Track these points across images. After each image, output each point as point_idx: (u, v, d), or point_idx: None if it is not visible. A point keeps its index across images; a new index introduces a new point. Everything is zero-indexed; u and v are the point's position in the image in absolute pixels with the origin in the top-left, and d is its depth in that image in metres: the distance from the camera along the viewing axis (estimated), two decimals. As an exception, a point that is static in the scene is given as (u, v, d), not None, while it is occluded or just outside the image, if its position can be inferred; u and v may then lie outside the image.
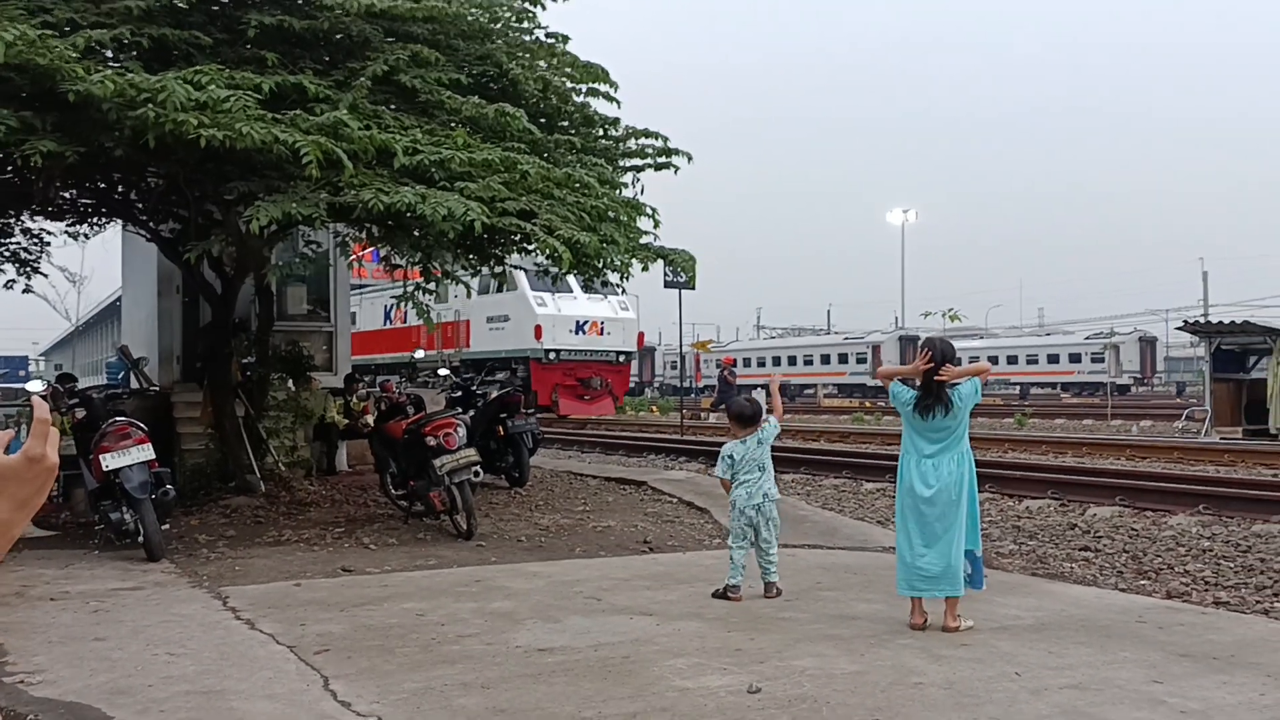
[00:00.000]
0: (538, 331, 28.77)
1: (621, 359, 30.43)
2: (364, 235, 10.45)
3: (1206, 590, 7.31)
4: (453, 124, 8.47)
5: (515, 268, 12.58)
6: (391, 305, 35.26)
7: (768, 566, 6.29)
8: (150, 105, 6.69)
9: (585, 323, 29.67)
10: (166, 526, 8.08)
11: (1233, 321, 22.96)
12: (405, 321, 35.01)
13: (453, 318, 31.88)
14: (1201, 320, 25.98)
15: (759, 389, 41.18)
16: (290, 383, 12.63)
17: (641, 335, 33.34)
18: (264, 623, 5.56)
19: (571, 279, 30.17)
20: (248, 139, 6.79)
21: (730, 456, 6.40)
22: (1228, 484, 11.93)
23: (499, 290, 30.05)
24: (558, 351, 28.92)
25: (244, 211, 7.58)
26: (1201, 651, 5.00)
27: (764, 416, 6.55)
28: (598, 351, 29.75)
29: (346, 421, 13.24)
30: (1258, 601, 6.96)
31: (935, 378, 5.49)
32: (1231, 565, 8.10)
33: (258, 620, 5.63)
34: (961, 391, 5.49)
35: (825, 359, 62.67)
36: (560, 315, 28.90)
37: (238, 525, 9.21)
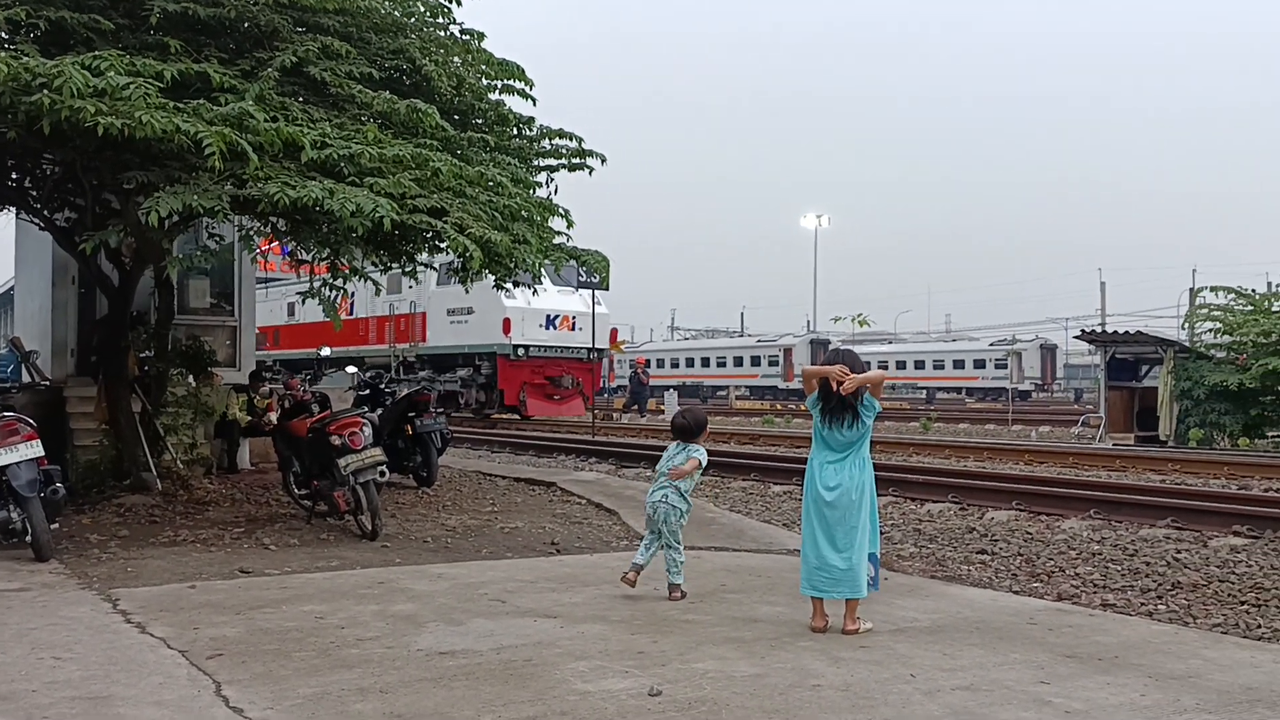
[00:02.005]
0: (506, 325, 26.89)
1: (593, 356, 28.49)
2: (269, 229, 10.24)
3: (1095, 593, 7.58)
4: (363, 119, 8.36)
5: (426, 266, 12.41)
6: (336, 297, 33.80)
7: (669, 567, 6.37)
8: (46, 91, 6.46)
9: (556, 317, 27.81)
10: (56, 526, 7.81)
11: (1127, 332, 23.86)
12: (351, 313, 32.17)
13: (407, 310, 29.76)
14: (1098, 330, 26.89)
15: (671, 389, 40.89)
16: (191, 378, 12.33)
17: (614, 332, 31.29)
18: (155, 626, 5.41)
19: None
20: (148, 128, 6.60)
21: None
22: (1118, 489, 12.38)
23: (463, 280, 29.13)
24: (527, 347, 27.10)
25: (143, 202, 7.37)
26: (1088, 653, 5.17)
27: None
28: (569, 348, 27.94)
29: (250, 419, 12.97)
30: (1142, 604, 7.23)
31: (838, 389, 5.55)
32: (1119, 568, 8.40)
33: (149, 623, 5.47)
34: (861, 409, 5.59)
35: (738, 361, 63.34)
36: (530, 309, 26.87)
37: (131, 525, 8.95)
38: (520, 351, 27.08)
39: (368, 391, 13.60)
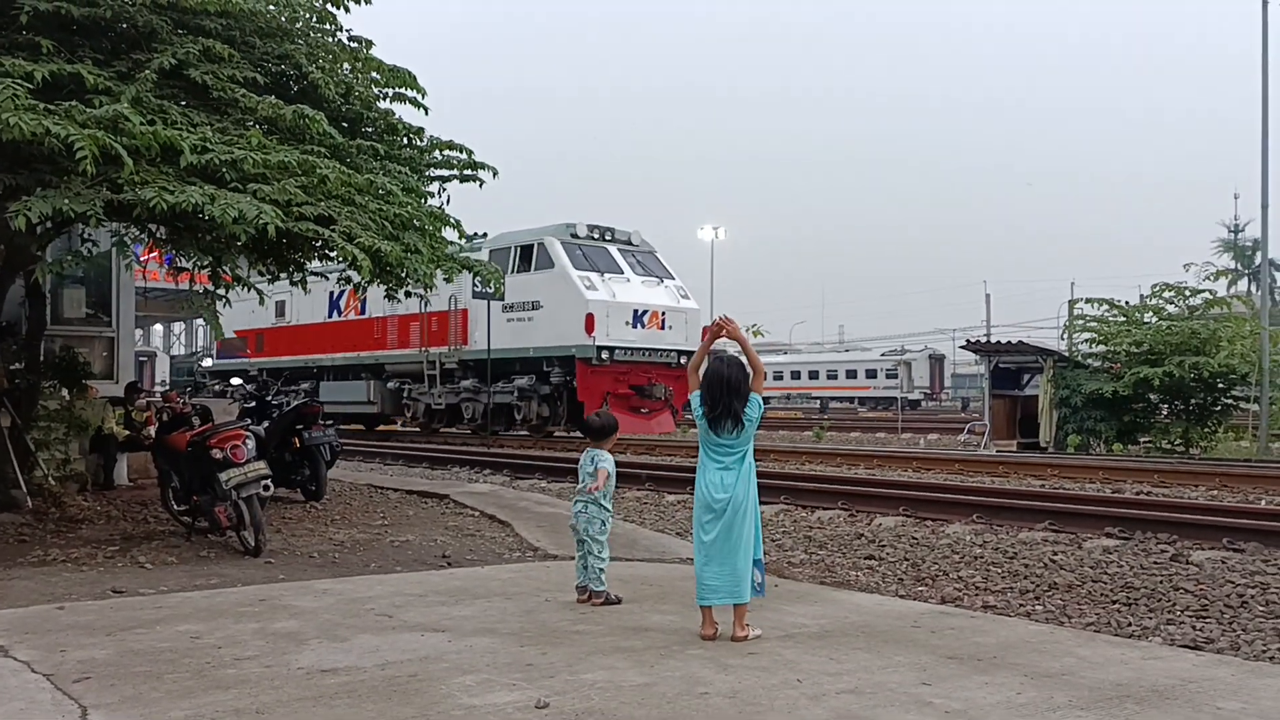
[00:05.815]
0: (589, 323, 21.94)
1: (682, 361, 22.92)
2: (149, 237, 9.90)
3: (976, 595, 7.78)
4: (248, 124, 8.15)
5: (325, 275, 12.11)
6: (340, 292, 26.86)
7: (590, 573, 6.43)
8: (-97, 90, 6.16)
9: (644, 313, 22.95)
10: (-87, 547, 7.42)
11: (1010, 342, 24.66)
12: (364, 312, 27.10)
13: (443, 306, 24.53)
14: (983, 340, 27.72)
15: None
16: (64, 391, 11.85)
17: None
18: (19, 649, 5.16)
19: (618, 254, 23.91)
20: (15, 130, 6.35)
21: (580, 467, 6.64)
22: (999, 494, 12.76)
23: (523, 268, 23.23)
24: (613, 349, 22.12)
25: (11, 206, 7.07)
26: (968, 654, 5.30)
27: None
28: (658, 350, 22.98)
29: (128, 433, 12.50)
30: (1021, 605, 7.46)
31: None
32: (999, 571, 8.64)
33: (12, 647, 5.21)
34: (749, 413, 5.65)
35: (635, 371, 63.49)
36: (615, 302, 22.34)
37: (-2, 544, 8.55)
38: (605, 354, 22.14)
39: (254, 403, 13.22)
